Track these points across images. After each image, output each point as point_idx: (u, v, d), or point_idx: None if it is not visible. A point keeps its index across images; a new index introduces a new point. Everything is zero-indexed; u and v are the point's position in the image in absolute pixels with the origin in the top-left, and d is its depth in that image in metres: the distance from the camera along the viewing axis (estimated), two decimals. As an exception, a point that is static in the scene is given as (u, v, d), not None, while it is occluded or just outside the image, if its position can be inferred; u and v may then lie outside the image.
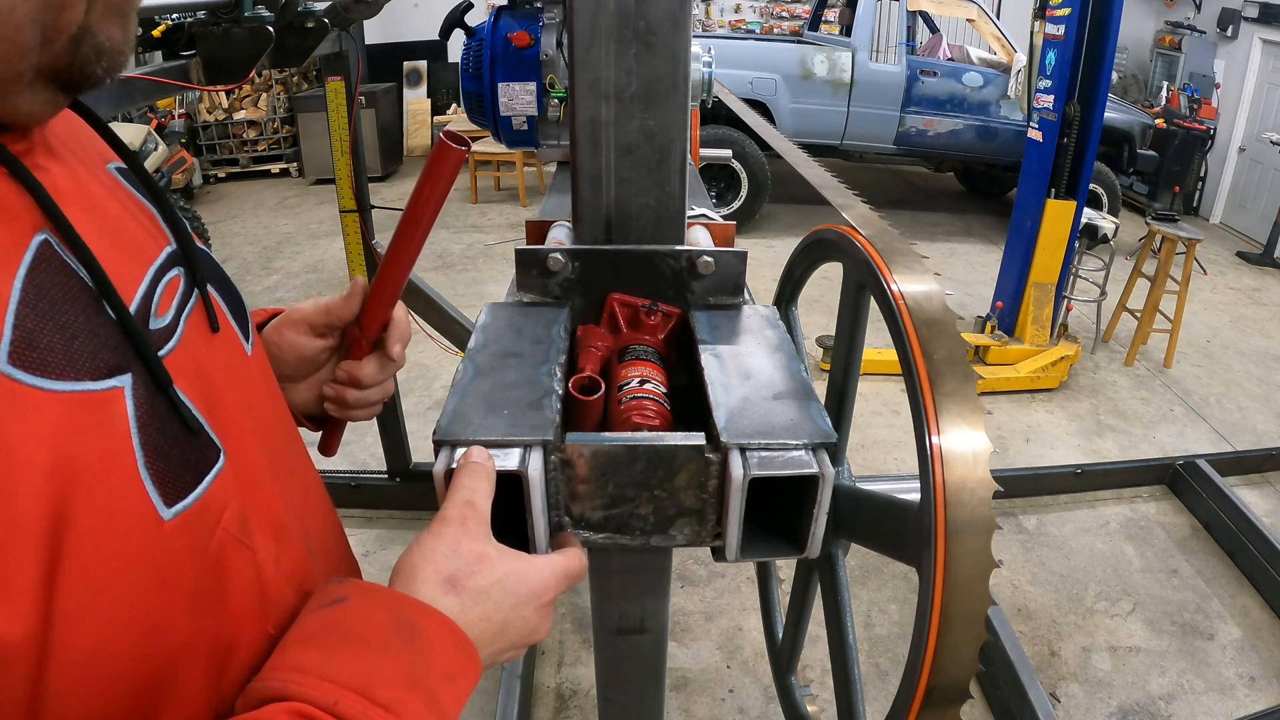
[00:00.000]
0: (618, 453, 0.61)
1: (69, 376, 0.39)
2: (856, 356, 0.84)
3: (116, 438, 0.41)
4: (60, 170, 0.46)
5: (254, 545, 0.50)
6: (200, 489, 0.45)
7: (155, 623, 0.42)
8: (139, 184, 0.54)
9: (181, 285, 0.51)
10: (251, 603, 0.49)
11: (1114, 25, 3.47)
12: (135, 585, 0.41)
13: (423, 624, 0.47)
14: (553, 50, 1.30)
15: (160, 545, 0.42)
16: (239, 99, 7.12)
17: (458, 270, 5.23)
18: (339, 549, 0.68)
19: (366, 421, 0.82)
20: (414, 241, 0.67)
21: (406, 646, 0.45)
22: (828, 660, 0.86)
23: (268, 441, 0.56)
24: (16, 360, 0.37)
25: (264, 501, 0.52)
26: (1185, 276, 4.19)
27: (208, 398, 0.49)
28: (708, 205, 1.04)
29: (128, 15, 0.44)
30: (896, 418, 3.64)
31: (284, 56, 1.47)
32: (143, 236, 0.50)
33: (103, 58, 0.43)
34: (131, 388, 0.42)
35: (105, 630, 0.39)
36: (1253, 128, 6.88)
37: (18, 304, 0.38)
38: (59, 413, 0.38)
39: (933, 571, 0.56)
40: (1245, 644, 2.50)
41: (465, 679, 0.47)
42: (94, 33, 0.42)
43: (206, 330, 0.53)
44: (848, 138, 6.11)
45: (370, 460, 2.93)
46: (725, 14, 8.65)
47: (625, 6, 0.73)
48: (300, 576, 0.55)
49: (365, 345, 0.72)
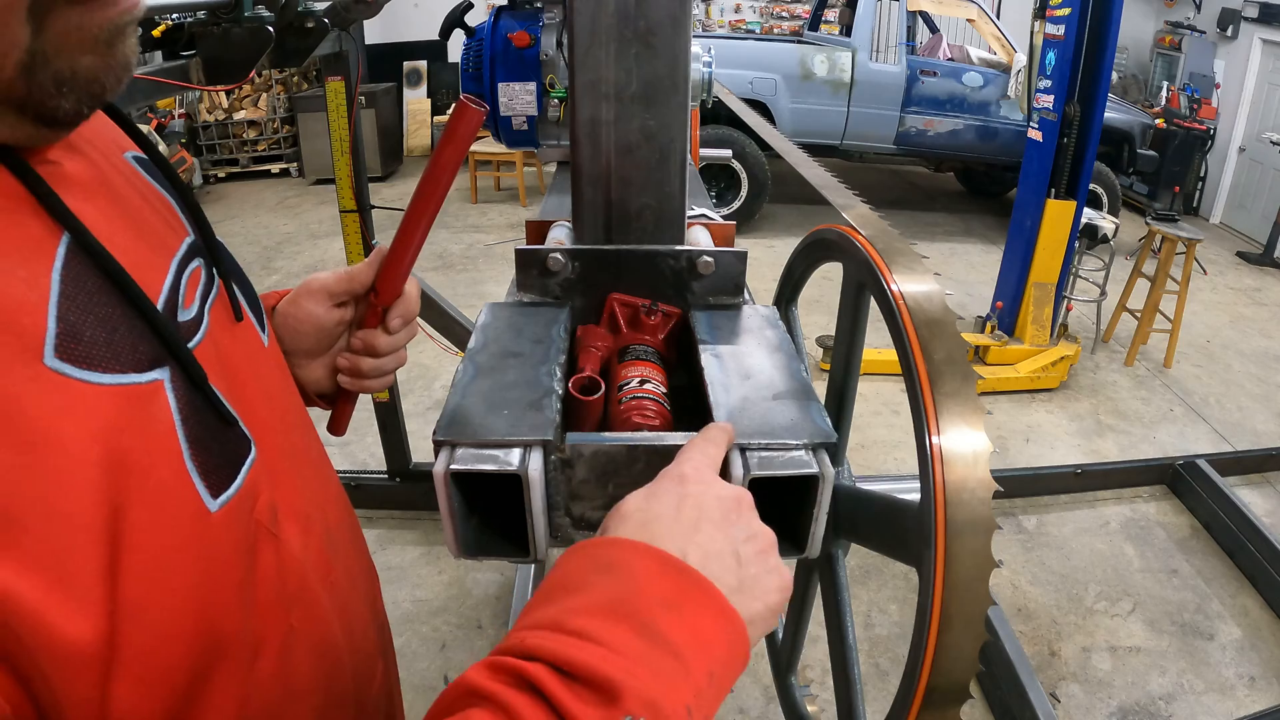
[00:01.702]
0: (618, 453, 0.61)
1: (114, 369, 0.39)
2: (856, 356, 0.84)
3: (163, 430, 0.41)
4: (79, 164, 0.44)
5: (281, 535, 0.50)
6: (239, 480, 0.46)
7: (206, 616, 0.42)
8: (157, 173, 0.54)
9: (203, 276, 0.51)
10: (276, 593, 0.49)
11: (1114, 25, 3.47)
12: (188, 578, 0.41)
13: (623, 557, 0.42)
14: (553, 50, 1.30)
15: (208, 537, 0.42)
16: (239, 99, 7.11)
17: (458, 270, 5.23)
18: (355, 538, 0.68)
19: (366, 422, 0.82)
20: (432, 202, 0.67)
21: (607, 580, 0.41)
22: (828, 660, 0.86)
23: (288, 432, 0.56)
24: (63, 354, 0.37)
25: (289, 491, 0.53)
26: (1185, 276, 4.19)
27: (235, 388, 0.49)
28: (708, 205, 1.04)
29: (108, 42, 0.39)
30: (896, 418, 3.64)
31: (284, 56, 1.47)
32: (164, 227, 0.50)
33: (68, 88, 0.38)
34: (170, 380, 0.42)
35: (163, 625, 0.39)
36: (1253, 128, 6.88)
37: (59, 296, 0.38)
38: (107, 406, 0.38)
39: (933, 571, 0.56)
40: (1245, 644, 2.50)
41: (693, 609, 0.40)
42: (50, 61, 0.37)
43: (229, 320, 0.53)
44: (848, 138, 6.11)
45: (370, 460, 2.93)
46: (725, 14, 8.64)
47: (625, 6, 0.73)
48: (324, 566, 0.55)
49: (380, 313, 0.71)
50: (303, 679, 0.51)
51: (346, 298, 0.71)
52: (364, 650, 0.63)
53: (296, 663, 0.51)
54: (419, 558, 2.62)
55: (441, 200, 0.67)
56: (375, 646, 0.67)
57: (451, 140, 0.63)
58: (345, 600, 0.59)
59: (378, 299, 0.70)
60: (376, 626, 0.69)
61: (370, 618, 0.67)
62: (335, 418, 0.78)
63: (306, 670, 0.52)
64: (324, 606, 0.55)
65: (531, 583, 2.36)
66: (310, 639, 0.53)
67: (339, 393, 0.75)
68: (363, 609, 0.64)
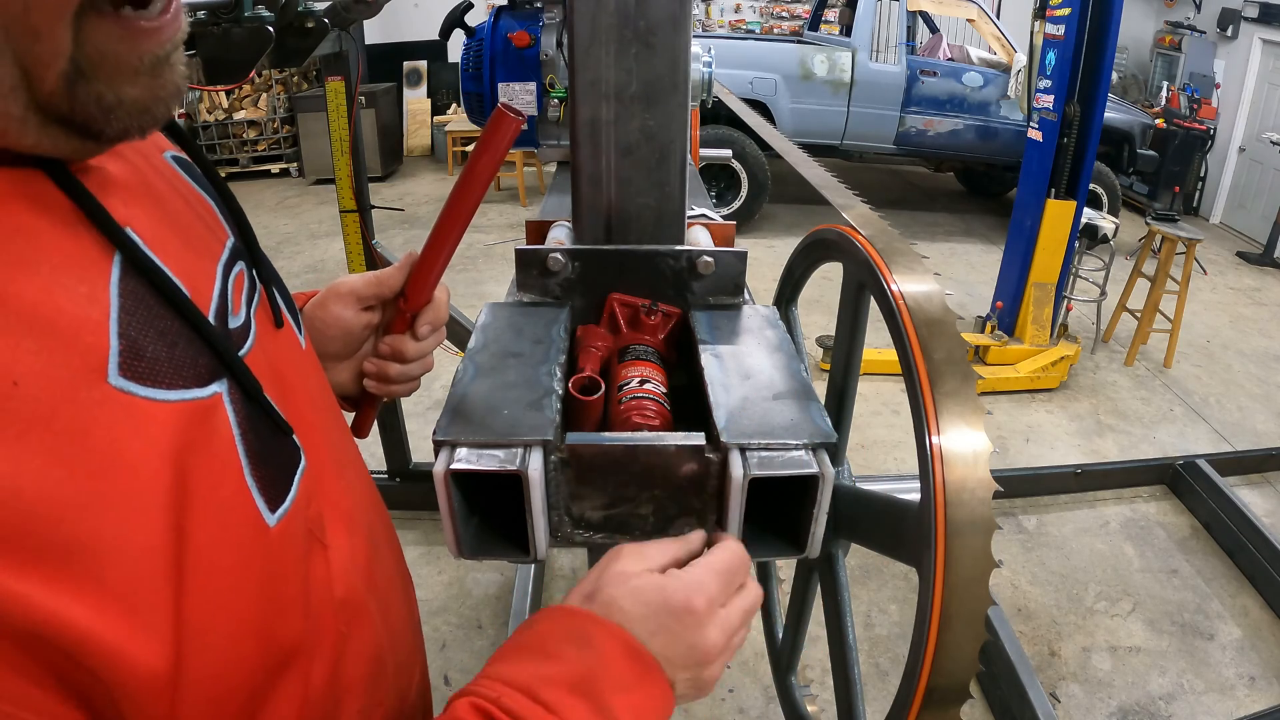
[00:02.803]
0: (618, 453, 0.61)
1: (178, 385, 0.38)
2: (856, 356, 0.84)
3: (224, 446, 0.40)
4: (121, 167, 0.43)
5: (329, 542, 0.50)
6: (293, 491, 0.45)
7: (268, 631, 0.41)
8: (196, 173, 0.53)
9: (246, 280, 0.51)
10: (326, 600, 0.49)
11: (1114, 25, 3.47)
12: (249, 596, 0.40)
13: (593, 634, 0.48)
14: (553, 50, 1.30)
15: (269, 552, 0.42)
16: (239, 99, 7.11)
17: (458, 270, 5.23)
18: (390, 537, 0.67)
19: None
20: (465, 211, 0.66)
21: (579, 655, 0.47)
22: (828, 660, 0.86)
23: (329, 434, 0.55)
24: (127, 372, 0.36)
25: (335, 495, 0.52)
26: (1185, 276, 4.19)
27: (284, 395, 0.48)
28: (708, 205, 1.04)
29: (152, 71, 0.37)
30: (896, 418, 3.64)
31: (284, 56, 1.47)
32: (207, 231, 0.49)
33: (114, 116, 0.37)
34: (228, 392, 0.41)
35: (227, 646, 0.38)
36: (1253, 128, 6.88)
37: (119, 312, 0.37)
38: (173, 424, 0.37)
39: (933, 571, 0.56)
40: (1245, 644, 2.50)
41: (642, 693, 0.47)
42: (91, 79, 0.35)
43: (271, 326, 0.52)
44: (848, 138, 6.11)
45: (370, 460, 2.91)
46: (725, 14, 8.64)
47: (625, 6, 0.73)
48: (368, 567, 0.55)
49: (409, 319, 0.71)
50: (351, 682, 0.51)
51: (374, 302, 0.70)
52: (404, 648, 0.63)
53: (346, 667, 0.50)
54: (419, 558, 2.62)
55: (475, 208, 0.66)
56: (413, 644, 0.67)
57: (488, 149, 0.63)
58: (387, 600, 0.59)
59: (407, 305, 0.70)
60: (412, 624, 0.68)
61: (407, 616, 0.66)
62: (359, 420, 0.77)
63: (355, 673, 0.52)
64: (369, 609, 0.54)
65: (531, 583, 2.36)
66: (358, 642, 0.52)
67: (363, 396, 0.75)
68: (401, 608, 0.64)
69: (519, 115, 0.60)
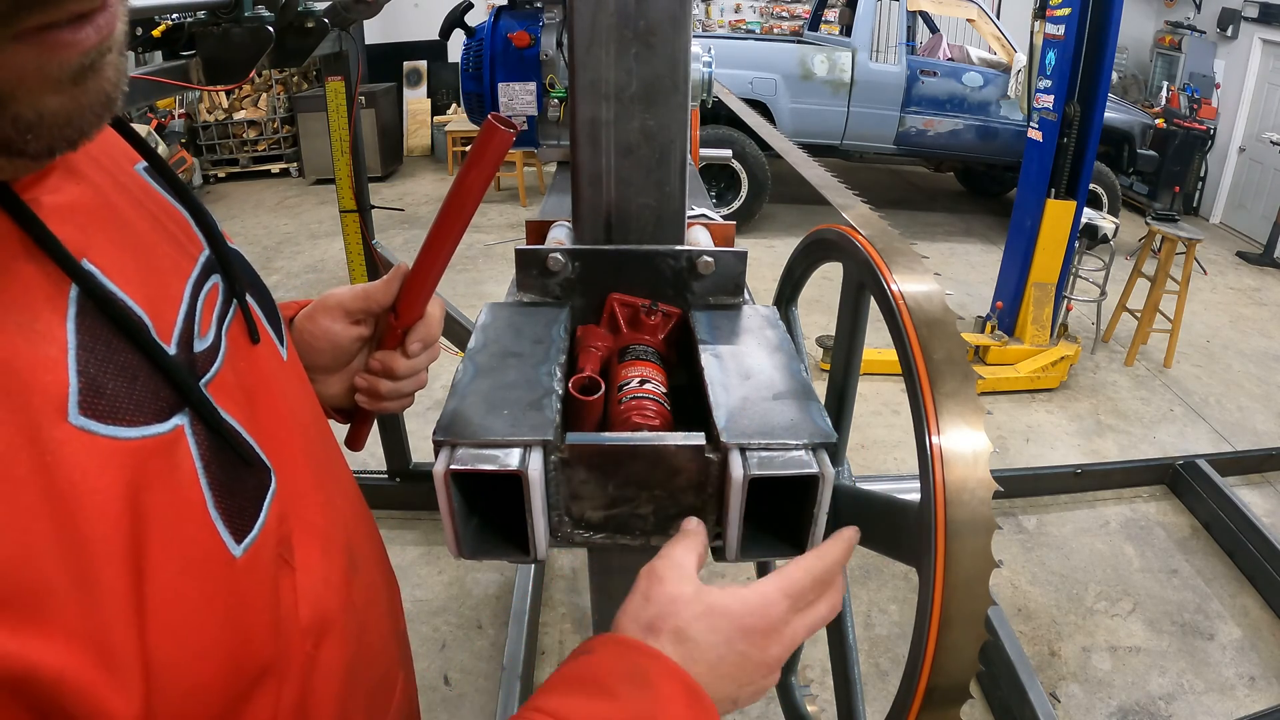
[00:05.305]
0: (618, 453, 0.61)
1: (139, 421, 0.37)
2: (856, 356, 0.84)
3: (186, 481, 0.39)
4: (79, 190, 0.41)
5: (297, 564, 0.49)
6: (261, 518, 0.44)
7: (234, 661, 0.41)
8: (177, 183, 0.51)
9: (220, 295, 0.49)
10: (294, 624, 0.48)
11: (1114, 25, 3.47)
12: (215, 628, 0.39)
13: (652, 673, 0.47)
14: (553, 50, 1.30)
15: (234, 584, 0.41)
16: (239, 99, 7.11)
17: (458, 270, 5.23)
18: (376, 548, 0.66)
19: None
20: (457, 226, 0.65)
21: (637, 695, 0.46)
22: (828, 660, 0.86)
23: (309, 448, 0.54)
24: (87, 410, 0.35)
25: (308, 513, 0.51)
26: (1185, 276, 4.19)
27: (254, 416, 0.47)
28: (708, 205, 1.04)
29: (75, 80, 0.33)
30: (896, 418, 3.64)
31: (284, 56, 1.47)
32: (176, 248, 0.47)
33: (33, 134, 0.33)
34: (190, 424, 0.41)
35: (193, 679, 0.38)
36: (1253, 128, 6.88)
37: (76, 348, 0.36)
38: (132, 463, 0.36)
39: (933, 572, 0.55)
40: (1245, 644, 2.50)
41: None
42: (7, 102, 0.32)
43: (246, 342, 0.50)
44: (848, 138, 6.11)
45: (370, 460, 2.93)
46: (725, 14, 8.64)
47: (625, 6, 0.72)
48: (344, 586, 0.54)
49: (400, 334, 0.69)
50: (322, 700, 0.51)
51: (363, 316, 0.69)
52: (383, 664, 0.62)
53: (316, 686, 0.50)
54: (419, 558, 2.62)
55: (467, 223, 0.65)
56: (395, 659, 0.66)
57: (478, 163, 0.61)
58: (364, 618, 0.58)
59: (397, 320, 0.68)
60: (396, 638, 0.68)
61: (390, 630, 0.65)
62: (353, 434, 0.76)
63: (326, 692, 0.51)
64: (342, 628, 0.54)
65: (531, 583, 2.36)
66: (328, 664, 0.52)
67: (357, 410, 0.74)
68: (382, 622, 0.63)
69: (511, 127, 0.59)
